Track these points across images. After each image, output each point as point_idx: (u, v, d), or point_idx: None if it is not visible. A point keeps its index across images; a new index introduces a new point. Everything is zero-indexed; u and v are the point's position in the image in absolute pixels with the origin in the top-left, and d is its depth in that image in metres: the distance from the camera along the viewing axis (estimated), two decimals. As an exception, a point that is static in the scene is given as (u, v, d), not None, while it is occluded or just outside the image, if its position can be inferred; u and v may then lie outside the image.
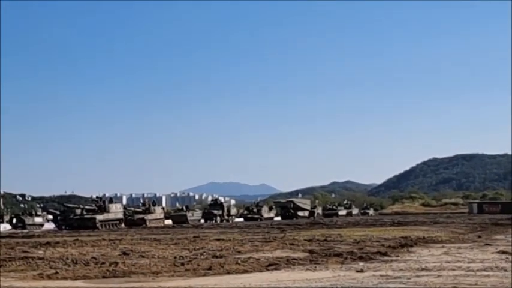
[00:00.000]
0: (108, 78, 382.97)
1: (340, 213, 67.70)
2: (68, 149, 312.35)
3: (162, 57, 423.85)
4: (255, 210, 57.05)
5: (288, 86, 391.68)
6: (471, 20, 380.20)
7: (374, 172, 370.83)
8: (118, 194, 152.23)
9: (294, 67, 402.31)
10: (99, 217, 38.49)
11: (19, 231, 38.34)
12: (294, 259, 10.69)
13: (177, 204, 66.97)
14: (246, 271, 9.26)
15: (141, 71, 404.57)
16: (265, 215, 56.06)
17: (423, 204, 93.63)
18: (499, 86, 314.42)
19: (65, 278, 8.76)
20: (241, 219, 54.29)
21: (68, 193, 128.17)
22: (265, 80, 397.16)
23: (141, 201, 58.84)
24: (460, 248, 13.38)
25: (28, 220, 48.85)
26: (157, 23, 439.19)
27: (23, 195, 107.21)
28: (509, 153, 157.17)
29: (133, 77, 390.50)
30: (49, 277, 8.86)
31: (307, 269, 9.39)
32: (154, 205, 47.34)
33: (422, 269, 9.00)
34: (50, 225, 45.76)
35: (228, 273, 9.07)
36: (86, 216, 38.81)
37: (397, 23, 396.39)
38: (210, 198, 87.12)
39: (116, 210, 40.96)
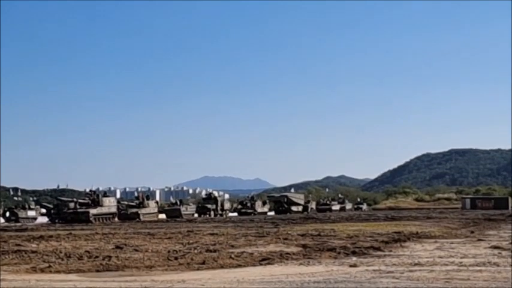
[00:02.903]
0: (102, 73, 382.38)
1: (333, 208, 67.72)
2: (62, 142, 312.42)
3: (157, 53, 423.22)
4: (248, 204, 57.02)
5: (283, 82, 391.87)
6: (466, 14, 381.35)
7: (368, 167, 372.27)
8: (112, 188, 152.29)
9: (288, 64, 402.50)
10: (92, 211, 38.43)
11: (12, 224, 38.22)
12: (288, 254, 10.71)
13: (171, 199, 66.85)
14: (239, 265, 9.27)
15: (136, 66, 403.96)
16: (259, 210, 56.05)
17: (416, 199, 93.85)
18: (494, 82, 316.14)
19: (58, 272, 8.74)
20: (235, 214, 54.28)
21: (62, 187, 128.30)
22: (260, 76, 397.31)
23: (135, 195, 58.74)
24: (452, 243, 13.42)
25: (21, 213, 48.76)
26: (153, 20, 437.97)
27: (16, 189, 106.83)
28: (503, 148, 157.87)
29: (128, 72, 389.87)
30: (42, 270, 8.86)
31: (301, 264, 9.41)
32: (148, 199, 47.28)
33: (415, 264, 9.03)
34: (43, 219, 45.63)
35: (222, 267, 9.08)
36: (79, 210, 38.72)
37: (390, 18, 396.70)
38: (204, 193, 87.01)
39: (109, 204, 40.89)
